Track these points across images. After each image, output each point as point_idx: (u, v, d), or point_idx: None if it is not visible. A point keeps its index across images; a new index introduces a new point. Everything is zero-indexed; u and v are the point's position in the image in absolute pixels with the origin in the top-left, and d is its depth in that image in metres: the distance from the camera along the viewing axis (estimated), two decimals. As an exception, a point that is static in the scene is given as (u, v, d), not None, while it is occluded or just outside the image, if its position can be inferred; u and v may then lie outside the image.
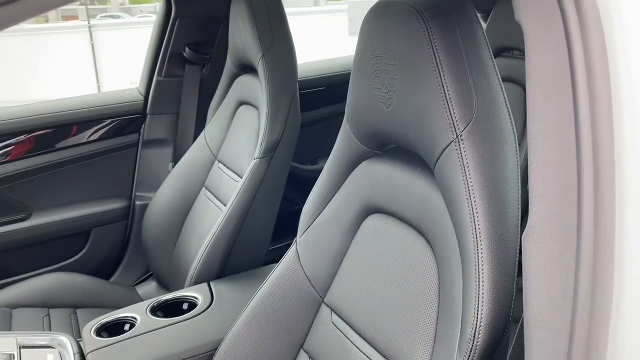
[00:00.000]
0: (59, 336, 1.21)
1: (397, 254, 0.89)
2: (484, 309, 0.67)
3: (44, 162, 1.85)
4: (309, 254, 1.06)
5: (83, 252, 1.93)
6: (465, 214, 0.71)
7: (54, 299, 1.69)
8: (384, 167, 0.92)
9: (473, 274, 0.69)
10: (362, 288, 0.94)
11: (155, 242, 1.80)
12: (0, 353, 1.11)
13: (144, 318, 1.26)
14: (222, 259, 1.47)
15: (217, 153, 1.74)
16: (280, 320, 1.06)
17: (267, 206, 1.53)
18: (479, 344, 0.68)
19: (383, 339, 0.87)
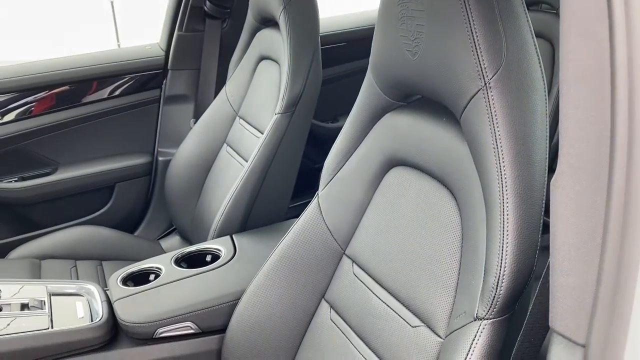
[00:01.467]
0: (86, 285, 1.25)
1: (420, 206, 0.88)
2: (508, 258, 0.67)
3: (68, 118, 1.87)
4: (330, 207, 1.06)
5: (108, 206, 1.97)
6: (491, 163, 0.70)
7: (81, 251, 1.74)
8: (408, 118, 0.91)
9: (498, 223, 0.69)
10: (384, 240, 0.95)
11: (178, 197, 1.82)
12: (32, 299, 1.15)
13: (169, 268, 1.28)
14: (244, 213, 1.48)
15: (238, 109, 1.73)
16: (301, 271, 1.07)
17: (288, 162, 1.53)
18: (502, 293, 0.68)
19: (404, 288, 0.88)
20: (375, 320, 0.92)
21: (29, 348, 1.04)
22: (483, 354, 0.69)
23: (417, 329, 0.84)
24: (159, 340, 1.14)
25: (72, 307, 1.17)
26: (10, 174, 1.82)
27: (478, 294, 0.71)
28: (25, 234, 1.83)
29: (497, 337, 0.69)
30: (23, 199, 1.83)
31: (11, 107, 1.79)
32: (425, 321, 0.83)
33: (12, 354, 1.02)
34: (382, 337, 0.90)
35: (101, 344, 1.10)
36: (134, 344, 1.13)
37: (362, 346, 0.94)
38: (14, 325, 1.07)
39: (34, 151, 1.85)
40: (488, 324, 0.69)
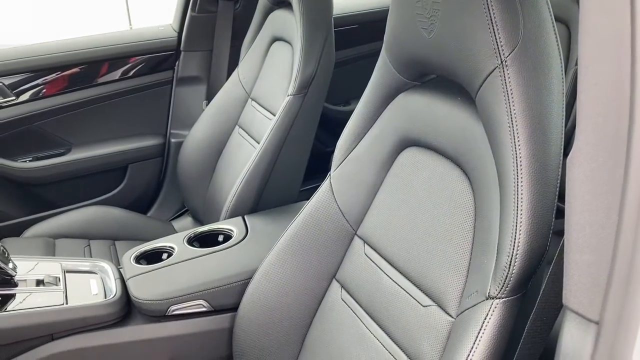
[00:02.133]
0: (100, 262, 1.26)
1: (433, 186, 0.88)
2: (522, 237, 0.67)
3: (81, 98, 1.88)
4: (342, 188, 1.06)
5: (121, 187, 1.98)
6: (506, 142, 0.70)
7: (94, 231, 1.75)
8: (423, 98, 0.91)
9: (512, 203, 0.69)
10: (396, 220, 0.95)
11: (190, 179, 1.83)
12: (47, 276, 1.17)
13: (181, 248, 1.30)
14: (256, 194, 1.49)
15: (251, 91, 1.73)
16: (313, 250, 1.08)
17: (300, 143, 1.53)
18: (514, 272, 0.68)
19: (416, 269, 0.88)
20: (386, 300, 0.93)
21: (45, 323, 1.05)
22: (494, 333, 0.69)
23: (428, 309, 0.84)
24: (171, 318, 1.15)
25: (86, 284, 1.18)
26: (24, 153, 1.84)
27: (490, 274, 0.71)
28: (39, 213, 1.85)
29: (509, 316, 0.69)
30: (37, 178, 1.85)
31: (25, 88, 1.81)
32: (436, 300, 0.83)
33: (28, 329, 1.04)
34: (393, 317, 0.90)
35: (115, 320, 1.12)
36: (147, 320, 1.15)
37: (372, 325, 0.94)
38: (30, 301, 1.08)
39: (48, 131, 1.87)
40: (500, 303, 0.69)
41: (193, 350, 1.17)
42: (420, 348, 0.83)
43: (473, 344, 0.70)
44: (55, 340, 1.07)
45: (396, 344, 0.88)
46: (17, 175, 1.82)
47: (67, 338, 1.07)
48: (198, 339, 1.17)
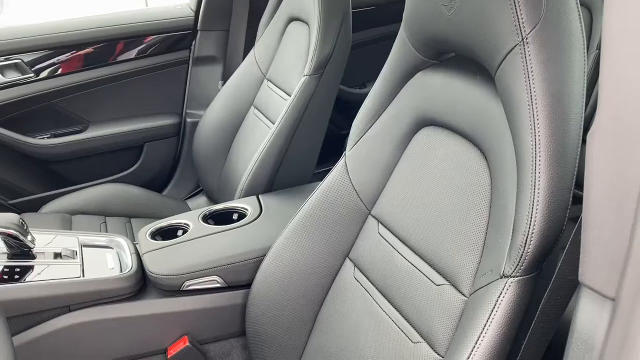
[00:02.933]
0: (116, 238, 1.28)
1: (449, 166, 0.88)
2: (538, 216, 0.67)
3: (98, 76, 1.89)
4: (357, 167, 1.06)
5: (137, 165, 2.00)
6: (525, 120, 0.69)
7: (110, 208, 1.78)
8: (441, 77, 0.90)
9: (529, 182, 0.68)
10: (411, 200, 0.95)
11: (205, 158, 1.84)
12: (65, 249, 1.18)
13: (196, 225, 1.31)
14: (270, 174, 1.49)
15: (267, 72, 1.73)
16: (326, 229, 1.08)
17: (315, 124, 1.53)
18: (529, 251, 0.67)
19: (429, 248, 0.88)
20: (399, 279, 0.93)
21: (62, 294, 1.07)
22: (508, 311, 0.69)
23: (441, 287, 0.84)
24: (185, 293, 1.16)
25: (102, 258, 1.20)
26: (43, 130, 1.86)
27: (505, 253, 0.71)
28: (57, 189, 1.88)
29: (523, 295, 0.69)
30: (55, 155, 1.87)
31: (44, 65, 1.82)
32: (449, 279, 0.83)
33: (45, 299, 1.06)
34: (406, 295, 0.91)
35: (130, 294, 1.14)
36: (161, 295, 1.16)
37: (385, 303, 0.95)
38: (48, 273, 1.10)
39: (66, 109, 1.88)
40: (514, 282, 0.69)
41: (207, 325, 1.19)
42: (433, 326, 0.83)
43: (486, 322, 0.70)
44: (72, 311, 1.09)
45: (408, 322, 0.89)
46: (35, 151, 1.84)
47: (83, 310, 1.09)
48: (212, 314, 1.18)
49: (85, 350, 1.11)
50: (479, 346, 0.70)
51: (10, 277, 1.07)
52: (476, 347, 0.70)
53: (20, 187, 1.85)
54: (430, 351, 0.83)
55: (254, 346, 1.16)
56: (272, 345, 1.13)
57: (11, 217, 1.09)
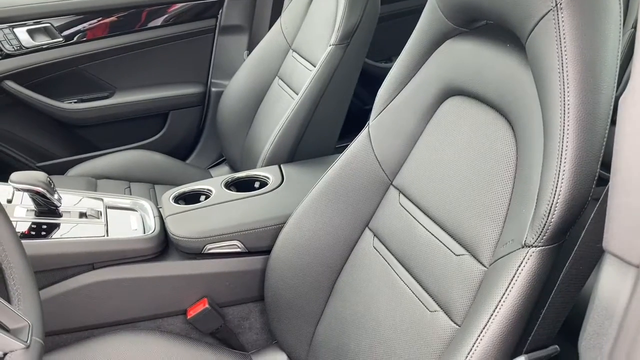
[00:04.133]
0: (140, 200, 1.30)
1: (475, 136, 0.87)
2: (564, 185, 0.66)
3: (125, 43, 1.90)
4: (381, 137, 1.06)
5: (161, 133, 2.02)
6: (555, 88, 0.68)
7: (134, 174, 1.80)
8: (470, 45, 0.88)
9: (556, 151, 0.67)
10: (434, 170, 0.94)
11: (229, 128, 1.85)
12: (90, 209, 1.21)
13: (219, 191, 1.32)
14: (292, 144, 1.49)
15: (292, 42, 1.72)
16: (347, 199, 1.08)
17: (339, 96, 1.52)
18: (553, 221, 0.67)
19: (451, 218, 0.88)
20: (418, 249, 0.93)
21: (86, 252, 1.10)
22: (528, 281, 0.68)
23: (461, 258, 0.84)
24: (207, 256, 1.18)
25: (126, 219, 1.22)
26: (70, 95, 1.89)
27: (528, 223, 0.70)
28: (83, 154, 1.91)
29: (544, 265, 0.68)
30: (81, 119, 1.90)
31: (73, 30, 1.84)
32: (469, 250, 0.83)
33: (70, 256, 1.09)
34: (425, 265, 0.91)
35: (152, 255, 1.16)
36: (183, 257, 1.18)
37: (403, 273, 0.95)
38: (73, 231, 1.13)
39: (93, 74, 1.90)
40: (536, 252, 0.68)
41: (226, 288, 1.20)
42: (451, 295, 0.83)
43: (505, 291, 0.70)
44: (96, 269, 1.11)
45: (426, 291, 0.89)
46: (62, 115, 1.87)
47: (107, 268, 1.12)
48: (232, 278, 1.20)
49: (107, 307, 1.14)
50: (496, 315, 0.70)
51: (38, 233, 1.10)
52: (493, 316, 0.70)
53: (48, 151, 1.89)
54: (447, 320, 0.83)
55: (271, 311, 1.17)
56: (290, 311, 1.14)
57: (39, 175, 1.11)
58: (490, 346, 0.69)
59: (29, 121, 1.84)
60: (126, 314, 1.16)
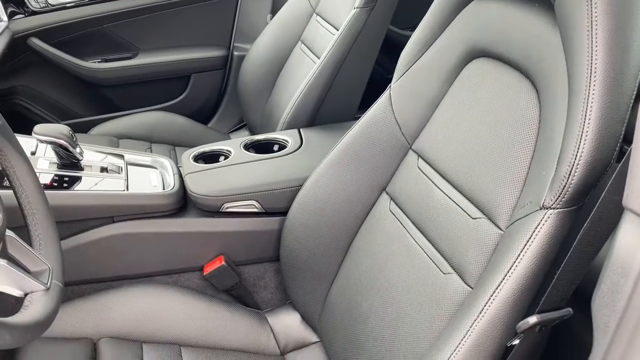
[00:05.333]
0: (160, 158, 1.32)
1: (498, 99, 0.85)
2: (586, 146, 0.64)
3: (149, 3, 1.90)
4: (402, 100, 1.04)
5: (183, 95, 2.03)
6: (583, 47, 0.66)
7: (156, 135, 1.82)
8: (497, 5, 0.86)
9: (580, 111, 0.66)
10: (454, 134, 0.93)
11: (250, 93, 1.85)
12: (111, 164, 1.23)
13: (238, 152, 1.33)
14: (313, 109, 1.49)
15: (316, 5, 1.70)
16: (365, 162, 1.08)
17: (361, 61, 1.50)
18: (573, 182, 0.65)
19: (469, 181, 0.87)
20: (435, 212, 0.92)
21: (107, 205, 1.12)
22: (544, 243, 0.68)
23: (477, 221, 0.83)
24: (224, 214, 1.19)
25: (146, 176, 1.24)
26: (94, 54, 1.90)
27: (547, 184, 0.69)
28: (105, 114, 1.93)
29: (562, 227, 0.67)
30: (105, 79, 1.92)
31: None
32: (486, 213, 0.82)
33: (91, 208, 1.11)
34: (441, 228, 0.90)
35: (171, 211, 1.18)
36: (201, 215, 1.20)
37: (419, 236, 0.95)
38: (94, 184, 1.15)
39: (117, 34, 1.91)
40: (554, 214, 0.67)
41: (243, 247, 1.22)
42: (465, 258, 0.83)
43: (519, 253, 0.69)
44: (115, 222, 1.13)
45: (441, 254, 0.89)
46: (86, 74, 1.88)
47: (126, 222, 1.14)
48: (248, 237, 1.22)
49: (126, 260, 1.16)
50: (509, 276, 0.69)
51: (59, 185, 1.12)
52: (507, 277, 0.70)
53: (71, 109, 1.92)
54: (461, 282, 0.83)
55: (286, 271, 1.18)
56: (304, 272, 1.15)
57: (61, 128, 1.13)
58: (502, 306, 0.69)
59: (53, 79, 1.87)
60: (144, 267, 1.18)
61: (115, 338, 1.06)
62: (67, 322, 1.05)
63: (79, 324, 1.06)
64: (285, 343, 1.18)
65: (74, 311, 1.07)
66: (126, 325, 1.08)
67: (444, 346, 0.72)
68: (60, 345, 1.02)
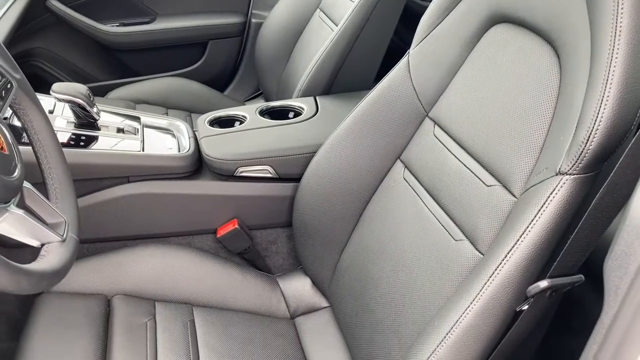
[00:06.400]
0: (177, 122, 1.32)
1: (518, 65, 0.84)
2: (607, 110, 0.63)
3: (168, -32, 1.89)
4: (420, 66, 1.03)
5: (200, 62, 2.03)
6: (608, 10, 0.64)
7: (172, 101, 1.83)
8: (520, -32, 0.84)
9: (602, 75, 0.64)
10: (472, 101, 0.92)
11: (267, 60, 1.84)
12: (127, 125, 1.23)
13: (253, 117, 1.33)
14: (329, 76, 1.48)
15: (336, -28, 1.67)
16: (380, 129, 1.07)
17: (380, 29, 1.48)
18: (591, 147, 0.64)
19: (485, 149, 0.86)
20: (449, 180, 0.92)
21: (122, 165, 1.13)
22: (558, 209, 0.67)
23: (491, 188, 0.83)
24: (238, 179, 1.20)
25: (162, 138, 1.25)
26: (112, 18, 1.90)
27: (565, 150, 0.68)
28: (122, 78, 1.94)
29: (577, 194, 0.67)
30: (122, 44, 1.92)
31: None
32: (501, 180, 0.82)
33: (107, 167, 1.12)
34: (454, 196, 0.90)
35: (186, 174, 1.18)
36: (215, 178, 1.20)
37: (431, 203, 0.94)
38: (111, 144, 1.16)
39: (135, -1, 1.91)
40: (570, 180, 0.67)
41: (256, 212, 1.23)
42: (478, 225, 0.83)
43: (532, 219, 0.69)
44: (131, 182, 1.15)
45: (453, 221, 0.89)
46: (104, 38, 1.88)
47: (141, 182, 1.15)
48: (262, 202, 1.22)
49: (141, 220, 1.18)
50: (521, 242, 0.69)
51: (77, 143, 1.13)
52: (518, 243, 0.69)
53: (88, 73, 1.92)
54: (472, 249, 0.83)
55: (298, 237, 1.19)
56: (316, 238, 1.16)
57: (79, 87, 1.13)
58: (513, 271, 0.69)
59: (71, 42, 1.87)
60: (159, 228, 1.20)
61: (129, 295, 1.08)
62: (83, 278, 1.08)
63: (94, 280, 1.08)
64: (296, 307, 1.19)
65: (90, 268, 1.09)
66: (140, 283, 1.10)
67: (452, 309, 0.73)
68: (75, 299, 1.04)
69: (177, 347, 1.00)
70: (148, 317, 1.04)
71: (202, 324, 1.06)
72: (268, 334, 1.10)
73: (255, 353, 1.04)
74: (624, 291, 0.49)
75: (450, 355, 0.70)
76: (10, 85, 0.80)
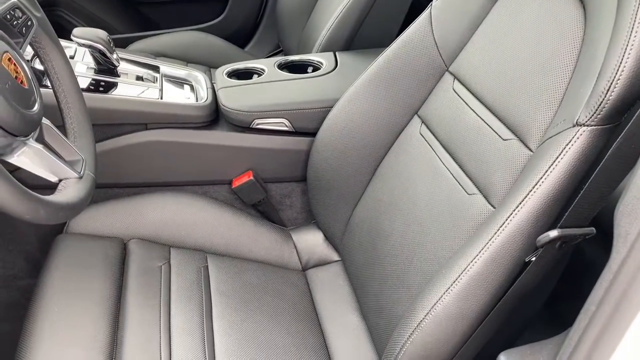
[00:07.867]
0: (195, 72, 1.32)
1: (542, 17, 0.82)
2: (629, 60, 0.62)
3: None
4: (443, 19, 1.01)
5: (221, 17, 2.01)
6: (637, -45, 0.62)
7: (192, 55, 1.82)
8: None
9: (627, 25, 0.62)
10: (493, 54, 0.90)
11: (288, 16, 1.82)
12: (146, 73, 1.24)
13: (271, 70, 1.32)
14: (350, 32, 1.45)
15: None
16: (399, 84, 1.06)
17: (404, -15, 1.45)
18: (611, 98, 0.63)
19: (504, 103, 0.85)
20: (466, 135, 0.91)
21: (140, 111, 1.14)
22: (573, 160, 0.66)
23: (507, 142, 0.82)
24: (254, 131, 1.20)
25: (180, 88, 1.25)
26: (135, -31, 1.89)
27: (584, 101, 0.67)
28: (143, 32, 1.93)
29: (594, 146, 0.66)
30: (143, -5, 1.91)
31: None
32: (518, 134, 0.81)
33: (126, 113, 1.13)
34: (470, 150, 0.89)
35: (203, 123, 1.19)
36: (232, 129, 1.21)
37: (447, 158, 0.94)
38: (130, 91, 1.17)
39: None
40: (587, 131, 0.65)
41: (271, 164, 1.23)
42: (491, 179, 0.82)
43: (546, 170, 0.68)
44: (148, 130, 1.16)
45: (467, 174, 0.88)
46: (125, -10, 1.88)
47: (159, 130, 1.16)
48: (277, 155, 1.23)
49: (158, 167, 1.19)
50: (533, 193, 0.68)
51: (96, 89, 1.14)
52: (530, 193, 0.69)
53: (110, 24, 1.92)
54: (485, 202, 0.83)
55: (313, 192, 1.20)
56: (330, 192, 1.16)
57: (99, 32, 1.13)
58: (524, 221, 0.68)
59: (93, -7, 1.87)
60: (175, 176, 1.21)
61: (145, 240, 1.10)
62: (100, 221, 1.10)
63: (111, 224, 1.10)
64: (307, 259, 1.21)
65: (107, 212, 1.11)
66: (156, 228, 1.12)
67: (461, 258, 0.73)
68: (93, 241, 1.07)
69: (190, 291, 1.02)
70: (163, 261, 1.06)
71: (215, 270, 1.08)
72: (279, 283, 1.12)
73: (267, 300, 1.06)
74: (634, 236, 0.49)
75: (457, 302, 0.71)
76: (30, 23, 0.81)
